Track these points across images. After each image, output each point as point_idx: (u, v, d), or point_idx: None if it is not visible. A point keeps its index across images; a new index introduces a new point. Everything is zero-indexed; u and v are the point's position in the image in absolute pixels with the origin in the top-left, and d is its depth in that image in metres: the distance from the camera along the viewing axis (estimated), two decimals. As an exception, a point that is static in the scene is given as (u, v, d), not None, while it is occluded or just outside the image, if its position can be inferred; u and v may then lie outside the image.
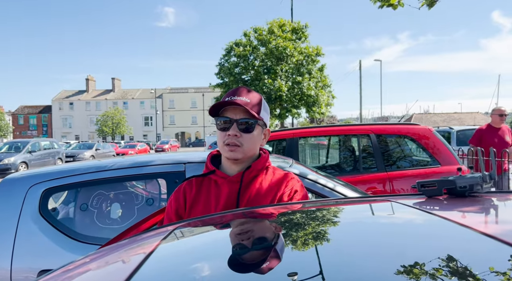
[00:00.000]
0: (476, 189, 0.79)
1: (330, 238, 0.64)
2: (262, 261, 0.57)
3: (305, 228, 0.71)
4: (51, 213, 1.98)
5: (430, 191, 0.83)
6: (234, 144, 1.19)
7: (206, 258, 0.66)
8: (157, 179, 2.19)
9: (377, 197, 0.94)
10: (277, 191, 1.21)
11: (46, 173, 2.03)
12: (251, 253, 0.62)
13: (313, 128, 5.17)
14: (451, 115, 49.85)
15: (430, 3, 3.61)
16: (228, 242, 0.72)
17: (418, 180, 3.32)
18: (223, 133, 1.21)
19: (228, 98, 1.20)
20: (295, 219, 0.80)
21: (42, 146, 18.83)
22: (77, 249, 1.82)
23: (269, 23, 20.33)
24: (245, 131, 1.20)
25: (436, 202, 0.79)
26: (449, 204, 0.77)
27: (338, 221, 0.76)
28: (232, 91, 1.24)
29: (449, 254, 0.50)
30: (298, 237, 0.66)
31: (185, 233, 0.87)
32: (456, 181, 0.80)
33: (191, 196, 1.25)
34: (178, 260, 0.68)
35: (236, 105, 1.18)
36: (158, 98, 67.01)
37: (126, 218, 2.10)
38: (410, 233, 0.63)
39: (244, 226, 0.81)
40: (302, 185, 1.27)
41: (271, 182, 1.23)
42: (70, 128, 69.12)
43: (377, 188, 4.13)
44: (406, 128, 4.47)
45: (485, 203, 0.76)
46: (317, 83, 20.09)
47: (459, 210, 0.73)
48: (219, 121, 1.22)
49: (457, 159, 4.26)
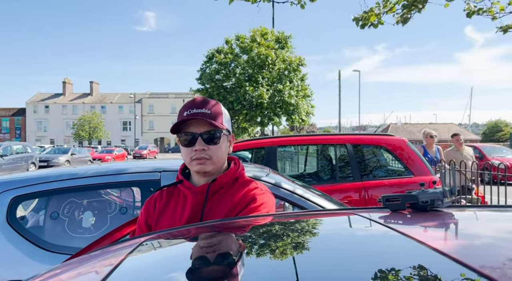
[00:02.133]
0: (437, 204, 0.82)
1: (292, 251, 0.66)
2: (222, 276, 0.58)
3: (268, 241, 0.72)
4: (19, 221, 1.92)
5: (394, 206, 0.86)
6: (202, 158, 1.17)
7: (171, 271, 0.66)
8: (132, 187, 2.16)
9: (343, 210, 0.97)
10: (237, 203, 1.16)
11: (15, 180, 1.98)
12: (212, 268, 0.62)
13: (292, 136, 5.22)
14: (426, 125, 51.26)
15: (404, 20, 3.76)
16: (192, 256, 0.72)
17: (392, 189, 3.37)
18: (189, 149, 1.17)
19: (187, 112, 1.17)
20: (260, 232, 0.81)
21: (15, 150, 18.23)
22: (47, 259, 1.78)
23: (252, 31, 20.50)
24: (211, 143, 1.17)
25: (399, 216, 0.82)
26: (411, 219, 0.80)
27: (302, 233, 0.78)
28: (188, 104, 1.20)
29: (399, 269, 0.52)
30: (262, 251, 0.67)
31: (153, 245, 0.87)
32: (419, 196, 0.83)
33: (160, 206, 1.24)
34: (144, 273, 0.68)
35: (197, 118, 1.15)
36: (137, 103, 66.16)
37: (99, 227, 2.06)
38: (367, 247, 0.66)
39: (206, 241, 0.82)
40: (264, 194, 1.21)
41: (234, 194, 1.19)
42: (45, 132, 67.25)
43: (353, 197, 4.20)
44: (382, 139, 4.58)
45: (445, 218, 0.79)
46: (298, 92, 20.33)
47: (419, 225, 0.77)
48: (182, 138, 1.18)
49: (430, 170, 4.38)
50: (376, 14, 3.71)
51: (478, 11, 3.65)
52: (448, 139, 40.67)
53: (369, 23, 3.81)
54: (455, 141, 6.32)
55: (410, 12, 3.59)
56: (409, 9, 3.52)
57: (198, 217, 1.16)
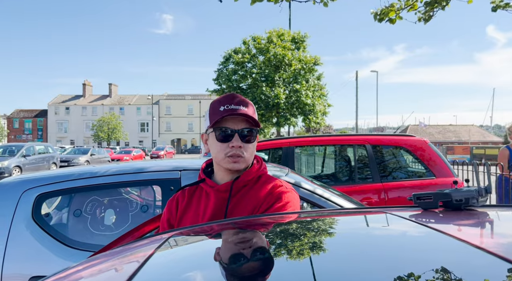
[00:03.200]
0: (472, 202, 0.79)
1: (323, 250, 0.64)
2: (252, 273, 0.56)
3: (297, 239, 0.71)
4: (44, 218, 1.96)
5: (425, 204, 0.83)
6: (238, 156, 1.15)
7: (199, 268, 0.65)
8: (152, 185, 2.17)
9: (372, 209, 0.94)
10: (261, 201, 1.15)
11: (40, 178, 2.02)
12: (241, 265, 0.61)
13: (310, 137, 5.18)
14: (446, 127, 50.16)
15: (427, 18, 3.66)
16: (220, 253, 0.71)
17: (413, 191, 3.30)
18: (224, 145, 1.15)
19: (224, 107, 1.15)
20: (287, 230, 0.79)
21: (37, 151, 18.69)
22: (70, 256, 1.80)
23: (268, 33, 20.48)
24: (247, 141, 1.16)
25: (432, 215, 0.79)
26: (445, 217, 0.77)
27: (332, 232, 0.76)
28: (225, 99, 1.17)
29: (445, 267, 0.50)
30: (290, 249, 0.65)
31: (179, 242, 0.87)
32: (452, 194, 0.80)
33: (182, 206, 1.24)
34: (173, 269, 0.67)
35: (237, 115, 1.14)
36: (154, 105, 66.98)
37: (120, 225, 2.08)
38: (405, 245, 0.63)
39: (234, 237, 0.80)
40: (289, 192, 1.19)
41: (258, 192, 1.17)
42: (66, 133, 68.78)
43: (372, 198, 4.13)
44: (402, 140, 4.49)
45: (481, 217, 0.76)
46: (314, 92, 20.20)
47: (454, 223, 0.73)
48: (218, 132, 1.16)
49: (452, 171, 4.27)
50: (395, 10, 3.63)
51: (504, 6, 3.53)
52: (469, 141, 39.24)
53: (386, 18, 3.73)
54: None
55: (433, 9, 3.50)
56: (432, 7, 3.44)
57: (222, 215, 1.15)
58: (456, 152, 28.36)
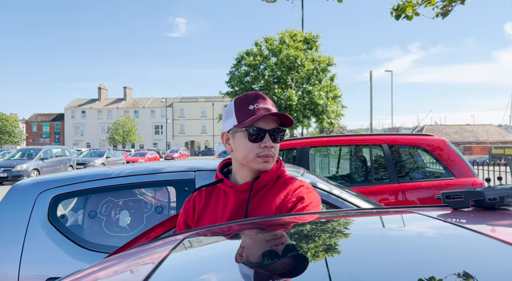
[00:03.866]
0: (507, 201, 0.73)
1: (352, 251, 0.60)
2: (274, 275, 0.53)
3: (322, 240, 0.67)
4: (59, 220, 1.96)
5: (456, 203, 0.77)
6: (269, 156, 1.13)
7: (216, 269, 0.62)
8: (167, 186, 2.16)
9: (399, 208, 0.89)
10: (284, 200, 1.14)
11: (55, 180, 2.02)
12: (262, 265, 0.58)
13: (324, 137, 5.11)
14: (463, 127, 49.13)
15: (444, 12, 3.56)
16: (238, 253, 0.68)
17: (432, 192, 3.19)
18: (255, 145, 1.13)
19: (254, 106, 1.12)
20: (311, 230, 0.75)
21: (54, 154, 19.05)
22: (85, 257, 1.80)
23: (281, 33, 20.43)
24: (277, 140, 1.15)
25: (463, 214, 0.74)
26: (478, 217, 0.71)
27: (360, 233, 0.72)
28: (252, 98, 1.15)
29: (487, 270, 0.46)
30: (316, 250, 0.61)
31: (195, 242, 0.84)
32: (485, 192, 0.74)
33: (200, 206, 1.22)
34: (189, 270, 0.64)
35: (275, 115, 1.12)
36: (168, 107, 67.62)
37: (135, 226, 2.07)
38: (440, 247, 0.59)
39: (255, 237, 0.77)
40: (311, 192, 1.18)
41: (279, 191, 1.16)
42: (82, 136, 70.00)
43: (389, 199, 4.05)
44: (420, 139, 4.40)
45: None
46: (327, 93, 20.03)
47: (490, 223, 0.68)
48: (251, 132, 1.13)
49: (472, 171, 4.15)
50: (412, 5, 3.54)
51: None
52: (487, 141, 38.47)
53: (403, 15, 3.65)
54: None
55: (451, 4, 3.40)
56: (451, 0, 3.34)
57: (242, 215, 1.13)
58: (474, 152, 27.77)
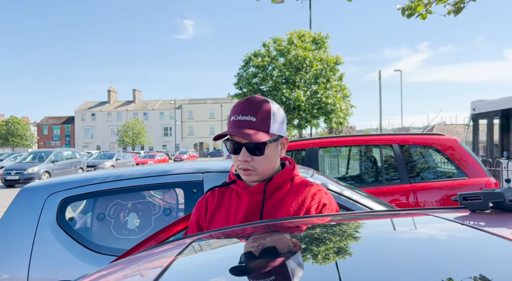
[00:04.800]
0: (528, 203, 0.70)
1: (367, 254, 0.57)
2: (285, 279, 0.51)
3: (336, 243, 0.64)
4: (68, 222, 1.96)
5: (474, 205, 0.74)
6: (247, 169, 1.12)
7: (225, 273, 0.60)
8: (175, 188, 2.15)
9: (414, 210, 0.86)
10: (303, 204, 1.13)
11: (64, 182, 2.02)
12: (273, 269, 0.55)
13: (334, 137, 5.07)
14: (474, 126, 48.38)
15: (457, 9, 3.49)
16: (249, 256, 0.65)
17: (444, 192, 3.11)
18: (235, 156, 1.14)
19: (233, 117, 1.12)
20: (326, 233, 0.73)
21: (65, 156, 19.27)
22: (94, 260, 1.79)
23: (289, 34, 20.37)
24: (255, 154, 1.11)
25: (482, 217, 0.71)
26: (498, 220, 0.68)
27: (375, 236, 0.69)
28: (238, 107, 1.14)
29: (505, 274, 0.43)
30: (332, 253, 0.59)
31: (204, 246, 0.82)
32: (505, 193, 0.71)
33: (212, 207, 1.21)
34: (196, 275, 0.62)
35: (238, 135, 1.08)
36: (177, 109, 67.97)
37: (143, 229, 2.06)
38: (457, 251, 0.56)
39: (268, 240, 0.74)
40: (331, 197, 1.19)
41: (296, 194, 1.15)
42: (92, 139, 70.74)
43: (401, 200, 3.99)
44: (431, 139, 4.33)
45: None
46: (335, 92, 19.92)
47: (511, 227, 0.65)
48: (228, 145, 1.15)
49: (485, 171, 4.07)
50: (424, 4, 3.48)
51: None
52: (500, 140, 37.61)
53: (416, 13, 3.59)
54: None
55: (464, 0, 3.33)
56: (464, -3, 3.26)
57: (256, 217, 1.12)
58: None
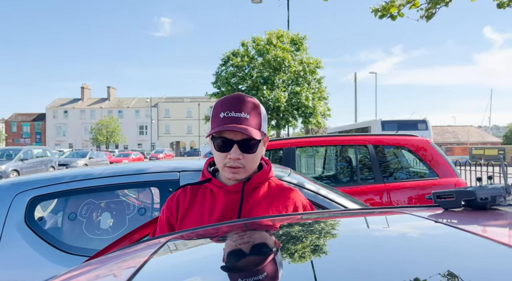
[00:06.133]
0: (499, 201, 0.72)
1: (344, 251, 0.57)
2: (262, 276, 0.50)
3: (313, 241, 0.64)
4: (37, 222, 1.88)
5: (447, 203, 0.76)
6: (236, 167, 1.09)
7: (201, 273, 0.59)
8: (150, 187, 2.10)
9: (389, 209, 0.87)
10: (280, 205, 1.13)
11: (33, 181, 1.94)
12: (251, 268, 0.55)
13: (311, 137, 5.11)
14: (445, 128, 50.16)
15: (429, 15, 3.61)
16: (226, 256, 0.64)
17: (416, 192, 3.21)
18: (223, 155, 1.09)
19: (224, 114, 1.07)
20: (302, 231, 0.72)
21: (35, 154, 18.60)
22: (64, 261, 1.73)
23: (268, 34, 20.42)
24: (247, 151, 1.09)
25: (455, 215, 0.72)
26: (471, 218, 0.70)
27: (350, 234, 0.69)
28: (226, 103, 1.09)
29: (476, 268, 0.43)
30: (308, 251, 0.59)
31: (180, 245, 0.80)
32: (477, 192, 0.73)
33: (184, 205, 1.17)
34: (171, 275, 0.61)
35: (235, 130, 1.05)
36: (153, 107, 66.90)
37: (117, 229, 2.01)
38: (432, 247, 0.56)
39: (247, 239, 0.74)
40: (306, 199, 1.20)
41: (273, 196, 1.15)
42: (64, 136, 68.65)
43: (375, 199, 4.07)
44: (404, 139, 4.44)
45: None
46: (314, 94, 20.14)
47: (481, 224, 0.67)
48: (216, 142, 1.09)
49: (455, 171, 4.21)
50: (397, 6, 3.58)
51: (509, 3, 3.47)
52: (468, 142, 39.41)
53: (388, 14, 3.68)
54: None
55: (435, 6, 3.44)
56: (435, 3, 3.38)
57: (233, 216, 1.10)
58: (455, 153, 28.35)
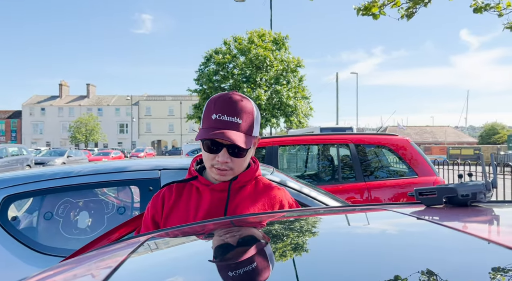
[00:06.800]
0: (479, 198, 0.73)
1: (325, 249, 0.57)
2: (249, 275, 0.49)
3: (295, 239, 0.63)
4: (11, 222, 1.82)
5: (429, 200, 0.76)
6: (224, 169, 1.08)
7: (181, 272, 0.57)
8: (130, 186, 2.06)
9: (372, 206, 0.88)
10: (266, 204, 1.13)
11: (6, 179, 1.88)
12: (234, 266, 0.53)
13: (293, 136, 5.13)
14: (423, 128, 51.39)
15: (409, 14, 3.68)
16: (208, 254, 0.63)
17: (396, 190, 3.26)
18: (211, 156, 1.07)
19: (216, 116, 1.03)
20: (285, 228, 0.72)
21: (10, 152, 18.03)
22: (39, 262, 1.68)
23: (249, 33, 20.41)
24: (236, 156, 1.07)
25: (437, 211, 0.73)
26: (452, 214, 0.70)
27: (333, 230, 0.69)
28: (221, 104, 1.04)
29: (458, 264, 0.44)
30: (292, 248, 0.58)
31: (160, 244, 0.78)
32: (458, 189, 0.73)
33: (169, 203, 1.15)
34: (150, 274, 0.59)
35: (225, 140, 1.02)
36: (134, 105, 65.93)
37: (95, 228, 1.96)
38: (414, 243, 0.57)
39: (231, 236, 0.72)
40: (295, 201, 1.20)
41: (259, 194, 1.14)
42: (41, 135, 66.85)
43: (356, 198, 4.12)
44: (385, 139, 4.51)
45: (492, 213, 0.70)
46: (295, 93, 20.25)
47: (462, 220, 0.67)
48: (206, 144, 1.07)
49: (434, 170, 4.31)
50: (379, 6, 3.64)
51: (485, 7, 3.58)
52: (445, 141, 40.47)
53: (370, 13, 3.74)
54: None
55: (415, 6, 3.52)
56: (415, 3, 3.45)
57: (219, 215, 1.08)
58: (433, 152, 29.08)
